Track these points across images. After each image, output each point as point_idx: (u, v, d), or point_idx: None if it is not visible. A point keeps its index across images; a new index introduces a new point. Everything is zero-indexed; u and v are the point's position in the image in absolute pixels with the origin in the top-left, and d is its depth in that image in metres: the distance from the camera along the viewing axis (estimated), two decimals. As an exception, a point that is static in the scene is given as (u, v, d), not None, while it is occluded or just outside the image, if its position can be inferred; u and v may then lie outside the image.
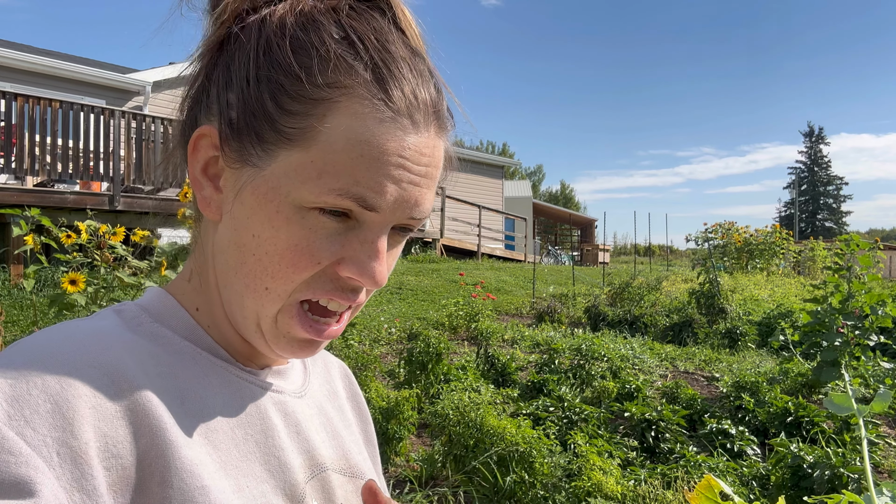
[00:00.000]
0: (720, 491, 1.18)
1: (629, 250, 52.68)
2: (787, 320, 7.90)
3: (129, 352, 0.55)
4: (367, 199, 0.56)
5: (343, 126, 0.55)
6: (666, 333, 8.35)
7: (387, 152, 0.56)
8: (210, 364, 0.61)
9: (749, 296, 10.85)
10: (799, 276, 16.44)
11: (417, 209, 0.60)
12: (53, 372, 0.49)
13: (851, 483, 3.16)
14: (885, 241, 32.44)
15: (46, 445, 0.46)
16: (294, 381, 0.71)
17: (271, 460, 0.61)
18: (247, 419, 0.61)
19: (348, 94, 0.56)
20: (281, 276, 0.58)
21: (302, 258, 0.57)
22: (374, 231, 0.58)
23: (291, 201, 0.56)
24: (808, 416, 4.55)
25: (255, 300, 0.59)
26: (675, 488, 3.21)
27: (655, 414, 4.46)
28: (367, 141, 0.55)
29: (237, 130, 0.58)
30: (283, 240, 0.57)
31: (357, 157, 0.55)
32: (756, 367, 6.54)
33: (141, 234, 4.74)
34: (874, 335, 5.68)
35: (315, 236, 0.57)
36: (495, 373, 5.74)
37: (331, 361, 0.83)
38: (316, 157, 0.55)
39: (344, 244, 0.58)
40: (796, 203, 72.53)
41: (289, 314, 0.59)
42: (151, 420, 0.52)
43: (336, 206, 0.56)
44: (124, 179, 9.08)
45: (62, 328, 0.56)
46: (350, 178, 0.55)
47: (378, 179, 0.56)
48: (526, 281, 12.08)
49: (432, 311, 8.51)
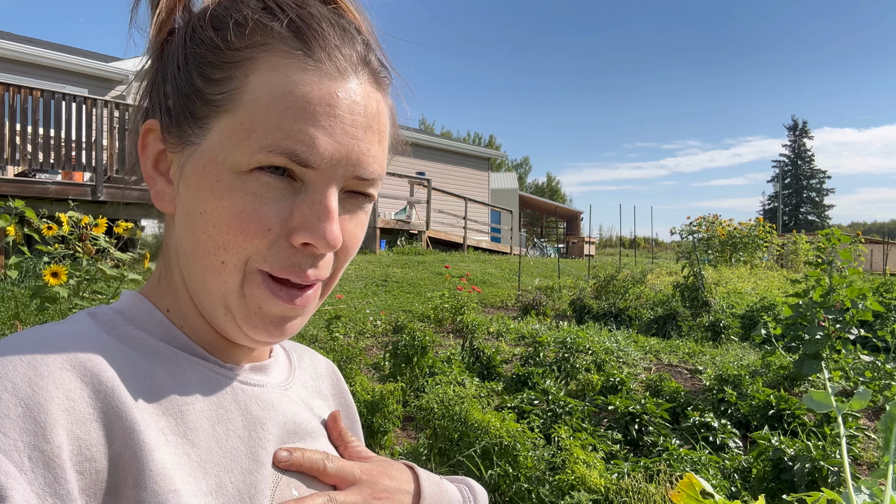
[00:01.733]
0: (701, 489, 1.19)
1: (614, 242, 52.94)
2: (770, 314, 7.97)
3: (104, 354, 0.55)
4: (299, 154, 0.55)
5: (265, 81, 0.56)
6: (650, 326, 8.41)
7: (313, 101, 0.55)
8: (187, 362, 0.61)
9: (732, 289, 10.94)
10: (782, 269, 16.60)
11: (361, 167, 0.58)
12: (25, 375, 0.49)
13: (831, 476, 3.21)
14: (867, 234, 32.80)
15: (17, 450, 0.45)
16: (278, 376, 0.70)
17: (259, 452, 0.60)
18: (227, 415, 0.60)
19: (267, 49, 0.57)
20: (232, 246, 0.57)
21: (250, 224, 0.56)
22: (320, 191, 0.57)
23: (228, 168, 0.56)
24: (789, 409, 4.60)
25: (216, 278, 0.58)
26: (658, 482, 3.24)
27: (639, 407, 4.49)
28: (290, 91, 0.55)
29: (175, 116, 0.60)
30: (227, 208, 0.56)
31: (283, 109, 0.55)
32: (739, 360, 6.60)
33: (124, 225, 4.69)
34: (854, 328, 5.75)
35: (259, 200, 0.56)
36: (480, 366, 5.75)
37: (318, 360, 0.83)
38: (243, 117, 0.56)
39: (293, 210, 0.57)
40: (780, 196, 73.18)
41: (254, 284, 0.58)
42: (125, 422, 0.51)
43: (270, 163, 0.55)
44: (107, 169, 8.99)
45: (35, 332, 0.55)
46: (279, 133, 0.55)
47: (307, 130, 0.55)
48: (511, 273, 12.10)
49: (418, 303, 8.51)
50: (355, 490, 0.64)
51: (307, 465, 0.63)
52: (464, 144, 28.07)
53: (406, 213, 17.26)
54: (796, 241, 17.45)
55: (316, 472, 0.64)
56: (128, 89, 13.96)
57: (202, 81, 0.58)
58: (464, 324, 7.19)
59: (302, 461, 0.63)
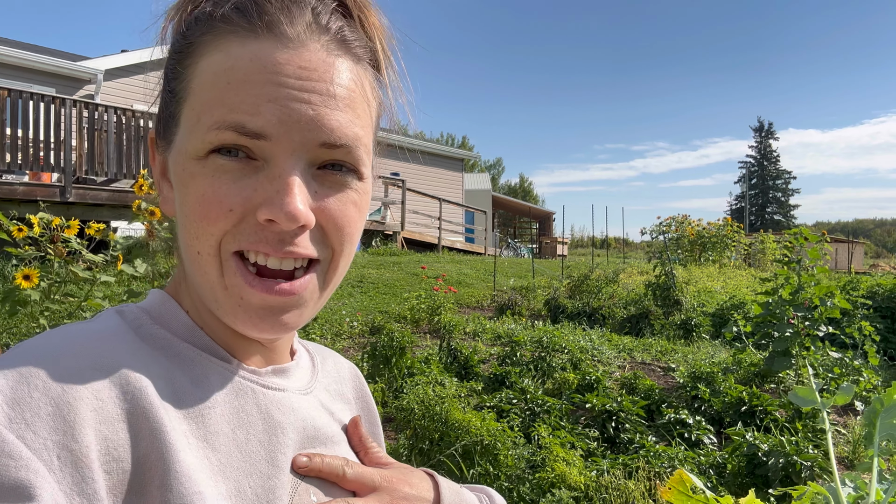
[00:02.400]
0: (691, 485, 1.22)
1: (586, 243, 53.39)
2: (740, 311, 8.12)
3: (131, 354, 0.55)
4: (246, 124, 0.54)
5: (209, 62, 0.57)
6: (623, 325, 8.51)
7: (253, 71, 0.55)
8: (210, 365, 0.61)
9: (703, 287, 11.11)
10: (750, 268, 16.90)
11: (322, 131, 0.56)
12: (55, 374, 0.49)
13: (805, 471, 3.29)
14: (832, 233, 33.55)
15: (47, 449, 0.46)
16: (299, 380, 0.70)
17: (279, 457, 0.60)
18: (248, 420, 0.60)
19: (213, 32, 0.58)
20: (202, 234, 0.56)
21: (211, 208, 0.55)
22: (280, 165, 0.55)
23: (189, 156, 0.57)
24: (761, 406, 4.69)
25: (198, 271, 0.58)
26: (637, 478, 3.29)
27: (616, 405, 4.54)
28: (231, 67, 0.55)
29: (162, 120, 0.63)
30: (191, 196, 0.56)
31: (225, 85, 0.55)
32: (710, 358, 6.71)
33: (96, 227, 4.61)
34: (823, 326, 5.89)
35: (218, 182, 0.55)
36: (458, 366, 5.77)
37: (341, 363, 0.83)
38: (194, 102, 0.57)
39: (256, 188, 0.55)
40: (746, 196, 74.45)
41: (231, 272, 0.57)
42: (152, 423, 0.52)
43: (220, 141, 0.55)
44: (76, 170, 8.82)
45: (64, 330, 0.55)
46: (223, 108, 0.54)
47: (251, 101, 0.54)
48: (486, 274, 12.15)
49: (394, 304, 8.50)
50: (374, 497, 0.64)
51: (326, 470, 0.63)
52: (438, 145, 28.07)
53: (381, 214, 17.21)
54: (763, 240, 17.78)
55: (335, 478, 0.63)
56: (97, 89, 13.73)
57: (171, 80, 0.61)
58: (441, 324, 7.20)
59: (321, 467, 0.62)
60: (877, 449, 1.08)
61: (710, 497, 1.18)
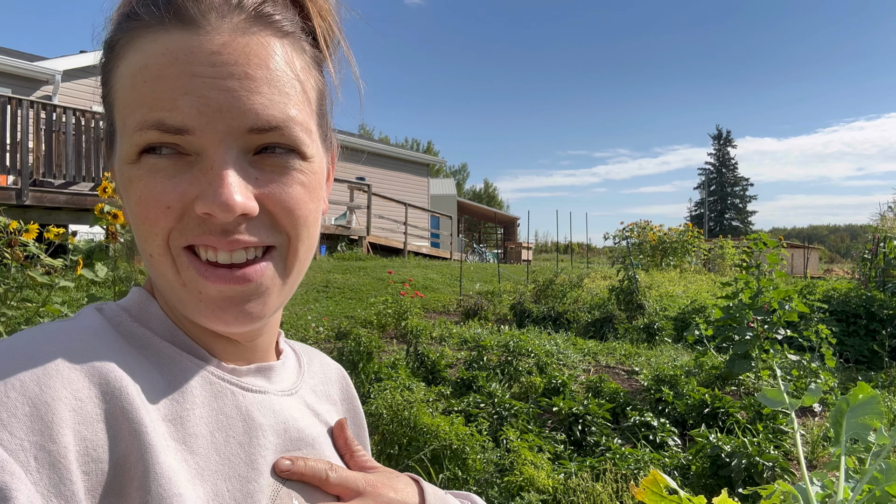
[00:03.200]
0: (665, 485, 1.24)
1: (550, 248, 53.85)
2: (701, 315, 8.27)
3: (112, 352, 0.54)
4: (166, 121, 0.53)
5: (127, 64, 0.56)
6: (588, 329, 8.60)
7: (165, 65, 0.54)
8: (189, 366, 0.60)
9: (664, 292, 11.30)
10: (709, 273, 17.24)
11: (248, 116, 0.54)
12: (33, 374, 0.48)
13: (767, 471, 3.36)
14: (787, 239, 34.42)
15: (24, 450, 0.45)
16: (284, 380, 0.69)
17: (258, 459, 0.59)
18: (228, 422, 0.59)
19: (127, 32, 0.57)
20: (148, 236, 0.56)
21: (150, 208, 0.55)
22: (211, 157, 0.54)
23: (124, 161, 0.56)
24: (723, 408, 4.79)
25: (157, 274, 0.58)
26: (605, 480, 3.33)
27: (582, 408, 4.59)
28: (145, 65, 0.54)
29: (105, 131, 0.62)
30: (133, 199, 0.56)
31: (142, 84, 0.54)
32: (673, 361, 6.82)
33: (55, 231, 4.50)
34: (781, 329, 6.04)
35: (153, 181, 0.55)
36: (425, 370, 5.77)
37: (328, 364, 0.82)
38: (120, 107, 0.56)
39: (191, 182, 0.55)
40: (706, 203, 75.98)
41: (184, 266, 0.56)
42: (132, 423, 0.51)
43: (145, 141, 0.54)
44: (32, 172, 8.58)
45: (43, 329, 0.54)
46: (143, 108, 0.54)
47: (167, 96, 0.53)
48: (452, 278, 12.17)
49: (360, 309, 8.46)
50: (358, 501, 0.63)
51: (309, 474, 0.61)
52: (403, 150, 28.06)
53: (346, 219, 17.13)
54: (723, 245, 18.16)
55: (318, 482, 0.62)
56: (55, 89, 13.38)
57: (104, 89, 0.60)
58: (407, 329, 7.19)
59: (304, 470, 0.61)
60: (844, 448, 1.11)
61: (683, 497, 1.20)
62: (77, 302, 6.50)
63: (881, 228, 10.97)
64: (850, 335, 7.85)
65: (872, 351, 7.50)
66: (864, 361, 7.45)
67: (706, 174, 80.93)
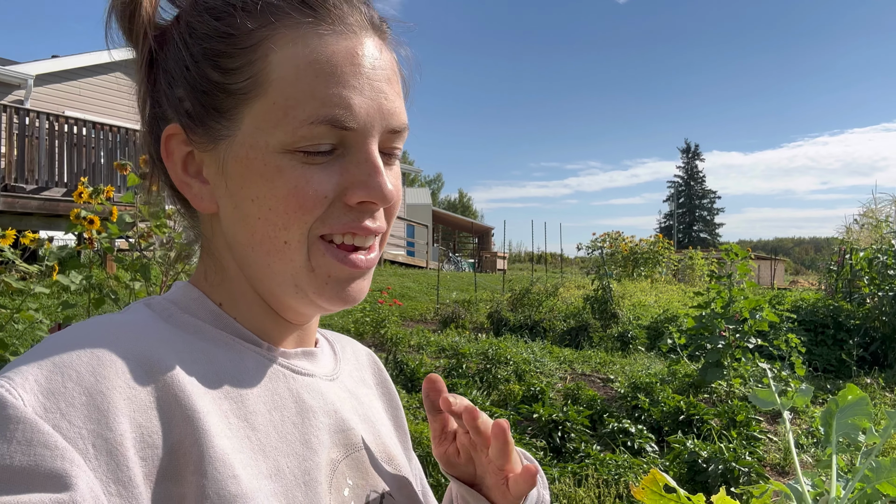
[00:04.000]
0: (664, 484, 1.28)
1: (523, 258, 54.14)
2: (674, 324, 8.41)
3: (163, 341, 0.56)
4: (339, 118, 0.56)
5: (287, 56, 0.57)
6: (563, 337, 8.69)
7: (338, 64, 0.57)
8: (243, 349, 0.62)
9: (637, 301, 11.45)
10: (679, 283, 17.52)
11: (392, 118, 0.60)
12: (88, 364, 0.50)
13: (742, 476, 3.44)
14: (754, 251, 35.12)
15: (82, 438, 0.46)
16: (325, 366, 0.71)
17: (312, 439, 0.61)
18: (282, 402, 0.61)
19: (281, 24, 0.57)
20: (294, 223, 0.58)
21: (307, 198, 0.57)
22: (363, 149, 0.59)
23: (273, 149, 0.57)
24: (698, 414, 4.88)
25: (281, 260, 0.60)
26: (587, 486, 3.37)
27: (561, 415, 4.64)
28: (314, 60, 0.57)
29: (197, 115, 0.60)
30: (281, 188, 0.57)
31: (312, 79, 0.56)
32: (647, 369, 6.93)
33: (31, 236, 4.43)
34: (752, 338, 6.17)
35: (310, 172, 0.57)
36: (404, 378, 5.78)
37: (359, 350, 0.84)
38: (276, 97, 0.57)
39: (342, 173, 0.58)
40: (675, 215, 77.10)
41: (318, 254, 0.60)
42: (185, 409, 0.52)
43: (313, 136, 0.56)
44: (4, 178, 8.42)
45: (95, 321, 0.56)
46: (315, 102, 0.56)
47: (341, 93, 0.57)
48: (429, 287, 12.19)
49: (337, 317, 8.43)
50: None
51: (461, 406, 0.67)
52: (377, 158, 27.99)
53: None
54: (692, 256, 18.46)
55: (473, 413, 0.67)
56: (27, 94, 13.13)
57: (220, 74, 0.58)
58: (386, 337, 7.19)
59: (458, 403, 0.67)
60: (835, 447, 1.16)
61: (682, 495, 1.24)
62: (51, 309, 6.38)
63: (847, 240, 11.26)
64: (819, 344, 8.04)
65: (840, 360, 7.69)
66: (832, 370, 7.63)
67: (675, 187, 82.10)
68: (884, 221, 11.34)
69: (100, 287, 4.31)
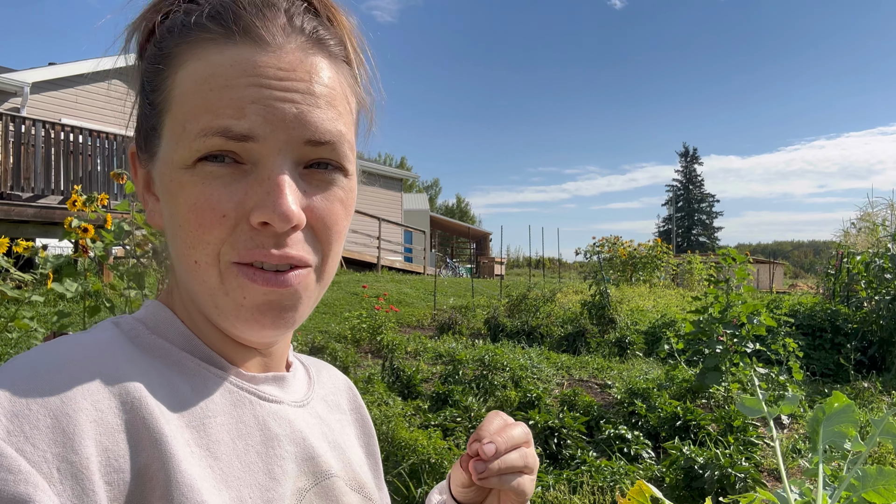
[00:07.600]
0: (651, 495, 1.27)
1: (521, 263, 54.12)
2: (671, 329, 8.39)
3: (130, 364, 0.55)
4: (232, 128, 0.54)
5: (190, 71, 0.57)
6: (561, 343, 8.67)
7: (234, 76, 0.56)
8: (208, 375, 0.61)
9: (635, 306, 11.44)
10: (678, 287, 17.50)
11: (307, 128, 0.57)
12: (54, 386, 0.49)
13: (739, 482, 3.43)
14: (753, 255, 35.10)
15: (46, 462, 0.45)
16: (297, 391, 0.70)
17: (275, 469, 0.60)
18: (246, 430, 0.60)
19: (194, 42, 0.58)
20: (198, 243, 0.56)
21: (204, 214, 0.55)
22: (268, 166, 0.56)
23: (175, 165, 0.57)
24: (695, 420, 4.87)
25: (196, 279, 0.58)
26: (582, 493, 3.36)
27: (557, 421, 4.63)
28: (212, 74, 0.56)
29: (143, 133, 0.62)
30: (183, 205, 0.56)
31: (207, 92, 0.56)
32: (645, 375, 6.91)
33: (24, 244, 4.42)
34: (750, 342, 6.16)
35: (209, 188, 0.56)
36: (401, 385, 5.76)
37: (336, 375, 0.83)
38: (177, 112, 0.57)
39: (247, 191, 0.56)
40: (674, 219, 77.14)
41: (231, 276, 0.57)
42: (153, 433, 0.51)
43: (207, 148, 0.55)
44: (0, 185, 8.41)
45: (62, 342, 0.55)
46: (209, 115, 0.55)
47: (235, 104, 0.55)
48: (426, 293, 12.17)
49: (334, 323, 8.42)
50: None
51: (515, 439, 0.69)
52: (377, 165, 28.07)
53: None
54: (691, 261, 18.45)
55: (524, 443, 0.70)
56: (23, 101, 13.13)
57: (150, 92, 0.60)
58: (382, 344, 7.17)
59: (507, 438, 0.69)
60: (821, 455, 1.15)
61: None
62: (46, 318, 6.36)
63: (844, 244, 11.26)
64: (816, 349, 8.02)
65: (838, 364, 7.68)
66: (829, 374, 7.62)
67: (674, 191, 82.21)
68: (880, 225, 11.34)
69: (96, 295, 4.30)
